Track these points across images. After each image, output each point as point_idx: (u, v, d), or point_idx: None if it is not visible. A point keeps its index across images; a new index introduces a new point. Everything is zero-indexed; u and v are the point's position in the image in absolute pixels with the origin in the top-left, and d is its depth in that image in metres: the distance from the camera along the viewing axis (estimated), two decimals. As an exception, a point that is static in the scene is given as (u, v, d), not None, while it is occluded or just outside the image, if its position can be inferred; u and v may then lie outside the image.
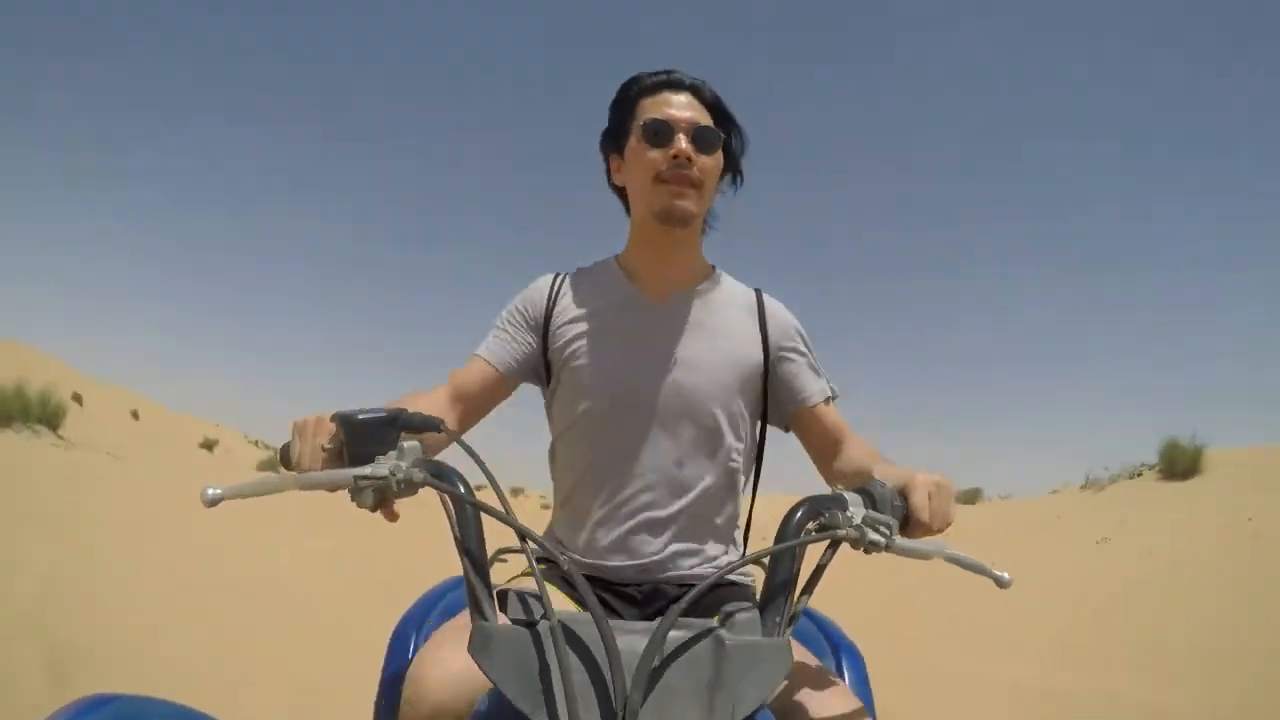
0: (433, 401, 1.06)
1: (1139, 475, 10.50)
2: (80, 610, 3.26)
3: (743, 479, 1.14)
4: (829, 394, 1.14)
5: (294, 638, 3.40)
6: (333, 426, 0.79)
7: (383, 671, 1.10)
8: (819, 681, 0.86)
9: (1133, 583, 5.25)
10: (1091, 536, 7.48)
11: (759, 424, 1.17)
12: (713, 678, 0.60)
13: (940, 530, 0.80)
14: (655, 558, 1.05)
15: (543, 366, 1.15)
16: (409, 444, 0.74)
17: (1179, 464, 9.44)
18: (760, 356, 1.12)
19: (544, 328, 1.14)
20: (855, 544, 0.70)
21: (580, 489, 1.10)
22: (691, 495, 1.06)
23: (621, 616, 1.04)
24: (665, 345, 1.09)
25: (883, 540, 0.70)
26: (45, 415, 12.73)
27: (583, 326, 1.11)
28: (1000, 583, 0.74)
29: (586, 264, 1.22)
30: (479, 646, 0.63)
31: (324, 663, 3.04)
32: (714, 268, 1.21)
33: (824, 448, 1.12)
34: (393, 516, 0.76)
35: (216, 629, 3.37)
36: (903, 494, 0.79)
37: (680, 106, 1.06)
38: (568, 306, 1.14)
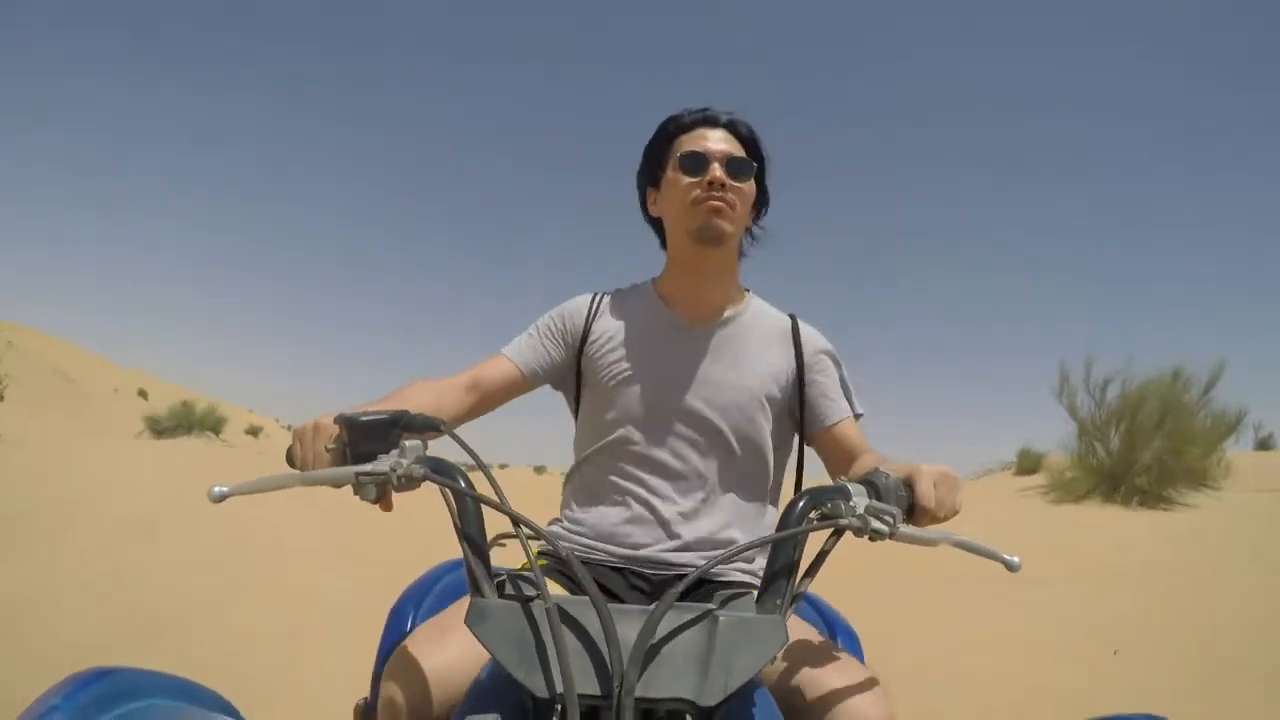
0: (443, 386, 1.11)
1: (998, 471, 13.32)
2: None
3: (769, 492, 1.19)
4: (847, 414, 1.19)
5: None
6: (336, 428, 0.82)
7: (380, 645, 1.12)
8: (826, 656, 0.88)
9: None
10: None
11: (795, 439, 1.23)
12: (706, 651, 0.62)
13: (946, 519, 0.81)
14: (667, 554, 1.08)
15: (573, 377, 1.22)
16: (410, 442, 0.77)
17: (1026, 463, 12.04)
18: (794, 378, 1.18)
19: (580, 343, 1.20)
20: (859, 532, 0.71)
21: (599, 487, 1.15)
22: (711, 505, 1.11)
23: (623, 601, 1.05)
24: (695, 366, 1.15)
25: (886, 528, 0.71)
26: (211, 423, 18.38)
27: (618, 345, 1.18)
28: (1010, 566, 0.75)
29: (625, 285, 1.29)
30: (476, 619, 0.65)
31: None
32: (748, 293, 1.26)
33: (839, 463, 1.16)
34: (388, 507, 0.79)
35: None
36: (908, 484, 0.80)
37: (716, 140, 1.13)
38: (605, 325, 1.20)
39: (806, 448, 1.23)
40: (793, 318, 1.24)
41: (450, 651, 0.87)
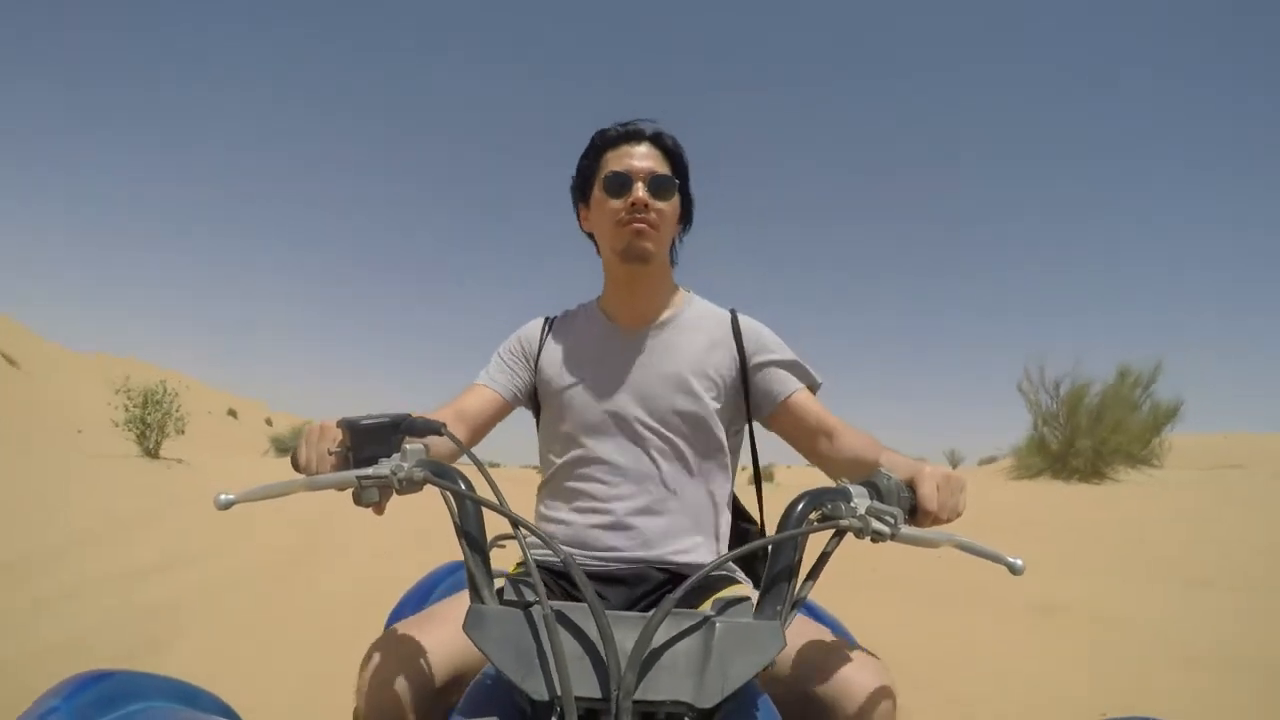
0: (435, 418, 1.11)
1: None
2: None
3: (724, 478, 1.21)
4: (799, 386, 1.19)
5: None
6: (339, 432, 0.83)
7: None
8: (830, 644, 0.89)
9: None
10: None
11: (746, 428, 1.24)
12: (704, 656, 0.62)
13: (949, 521, 0.80)
14: (640, 548, 1.10)
15: (534, 395, 1.27)
16: (412, 446, 0.78)
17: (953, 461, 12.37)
18: (736, 369, 1.20)
19: (535, 363, 1.26)
20: (859, 533, 0.71)
21: (566, 492, 1.18)
22: (669, 495, 1.13)
23: (609, 601, 1.06)
24: (637, 369, 1.19)
25: (887, 530, 0.70)
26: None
27: (566, 361, 1.23)
28: (1013, 569, 0.74)
29: (573, 307, 1.34)
30: (474, 624, 0.65)
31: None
32: (688, 293, 1.30)
33: (804, 437, 1.17)
34: (380, 511, 0.81)
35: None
36: (911, 486, 0.79)
37: (640, 157, 1.16)
38: (554, 345, 1.26)
39: (769, 431, 1.24)
40: (732, 312, 1.26)
41: (428, 648, 0.87)
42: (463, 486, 0.73)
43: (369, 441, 0.80)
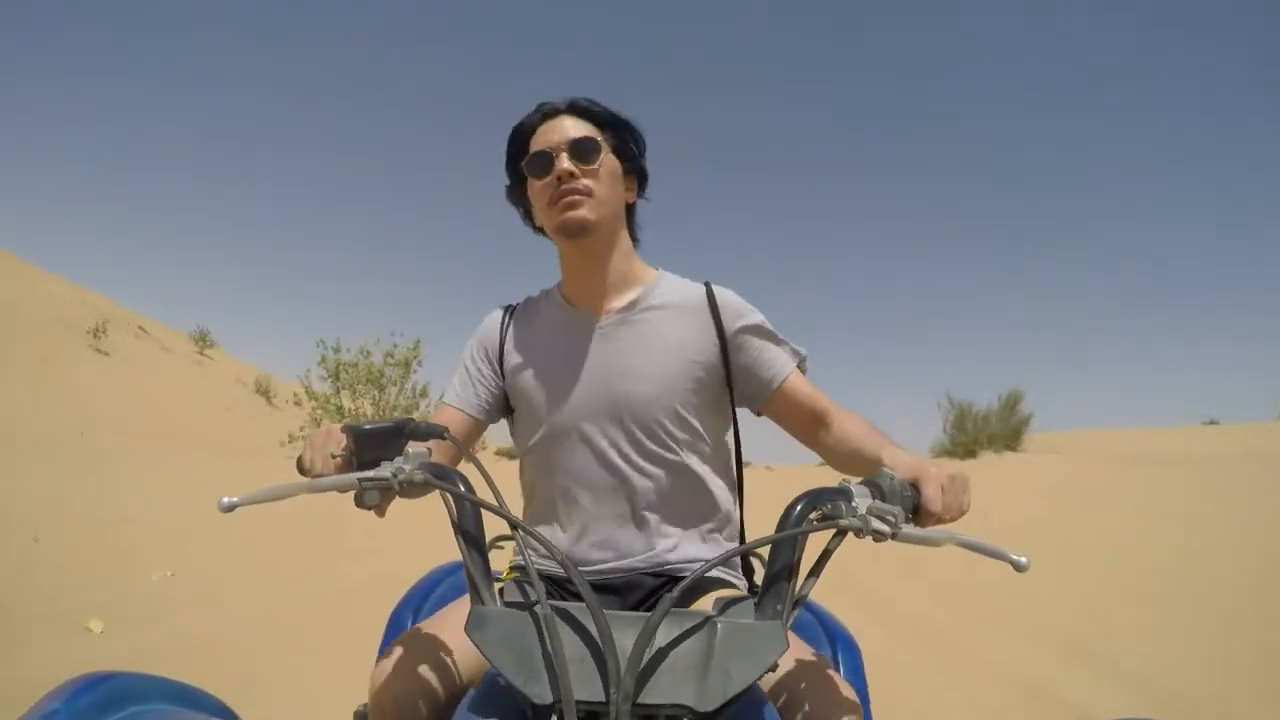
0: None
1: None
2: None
3: (711, 469, 1.13)
4: (794, 364, 1.12)
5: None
6: (343, 437, 0.83)
7: (380, 650, 1.12)
8: (815, 673, 0.87)
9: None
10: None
11: (729, 414, 1.15)
12: (705, 658, 0.62)
13: (953, 520, 0.79)
14: (627, 555, 1.06)
15: (503, 397, 1.18)
16: (414, 449, 0.79)
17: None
18: (717, 348, 1.11)
19: (499, 360, 1.17)
20: (859, 533, 0.69)
21: (546, 501, 1.12)
22: (654, 495, 1.07)
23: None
24: (607, 358, 1.10)
25: (888, 529, 0.69)
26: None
27: (530, 354, 1.14)
28: (1017, 567, 0.72)
29: (535, 293, 1.25)
30: (475, 626, 0.65)
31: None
32: (656, 271, 1.20)
33: (802, 423, 1.11)
34: (381, 513, 0.82)
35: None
36: (914, 485, 0.78)
37: (558, 130, 1.08)
38: (516, 337, 1.18)
39: (763, 418, 1.16)
40: (707, 285, 1.16)
41: (440, 652, 0.86)
42: (462, 488, 0.73)
43: (372, 446, 0.81)
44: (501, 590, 0.72)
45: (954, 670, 2.97)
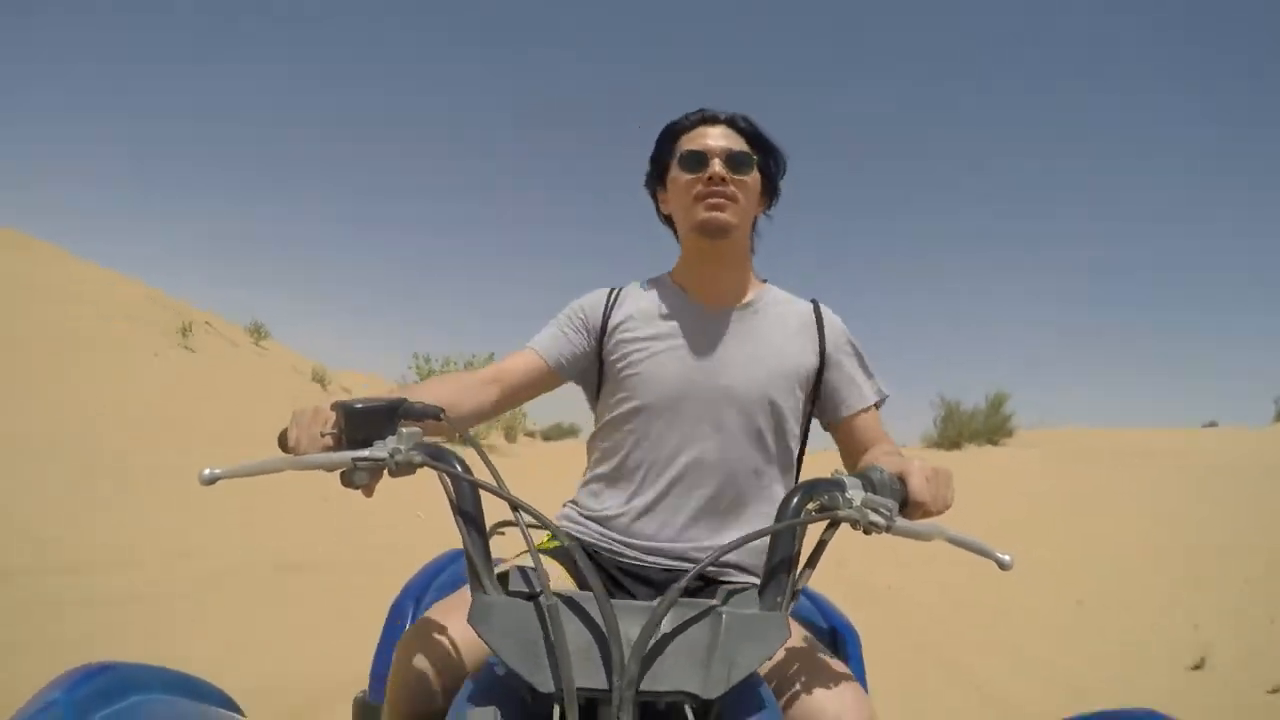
0: (465, 381, 1.10)
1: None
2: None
3: (783, 474, 1.17)
4: (869, 402, 1.18)
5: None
6: (332, 415, 0.80)
7: (380, 640, 1.12)
8: (816, 662, 0.87)
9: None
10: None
11: (806, 424, 1.21)
12: (709, 647, 0.62)
13: (939, 513, 0.81)
14: (679, 543, 1.08)
15: (595, 368, 1.21)
16: (408, 429, 0.75)
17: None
18: (815, 363, 1.17)
19: (600, 333, 1.19)
20: (856, 524, 0.71)
21: (619, 474, 1.14)
22: (728, 490, 1.10)
23: (633, 595, 1.05)
24: (713, 351, 1.14)
25: (883, 521, 0.71)
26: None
27: (637, 333, 1.17)
28: (1001, 564, 0.75)
29: (641, 281, 1.28)
30: (478, 617, 0.65)
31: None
32: (766, 282, 1.26)
33: (856, 451, 1.16)
34: (369, 493, 0.79)
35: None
36: (901, 479, 0.80)
37: (715, 137, 1.14)
38: (625, 315, 1.19)
39: (826, 431, 1.22)
40: (815, 303, 1.23)
41: (452, 641, 0.87)
42: (459, 468, 0.71)
43: (363, 425, 0.78)
44: (506, 575, 0.71)
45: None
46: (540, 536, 1.06)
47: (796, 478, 1.20)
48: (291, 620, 3.10)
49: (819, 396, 1.18)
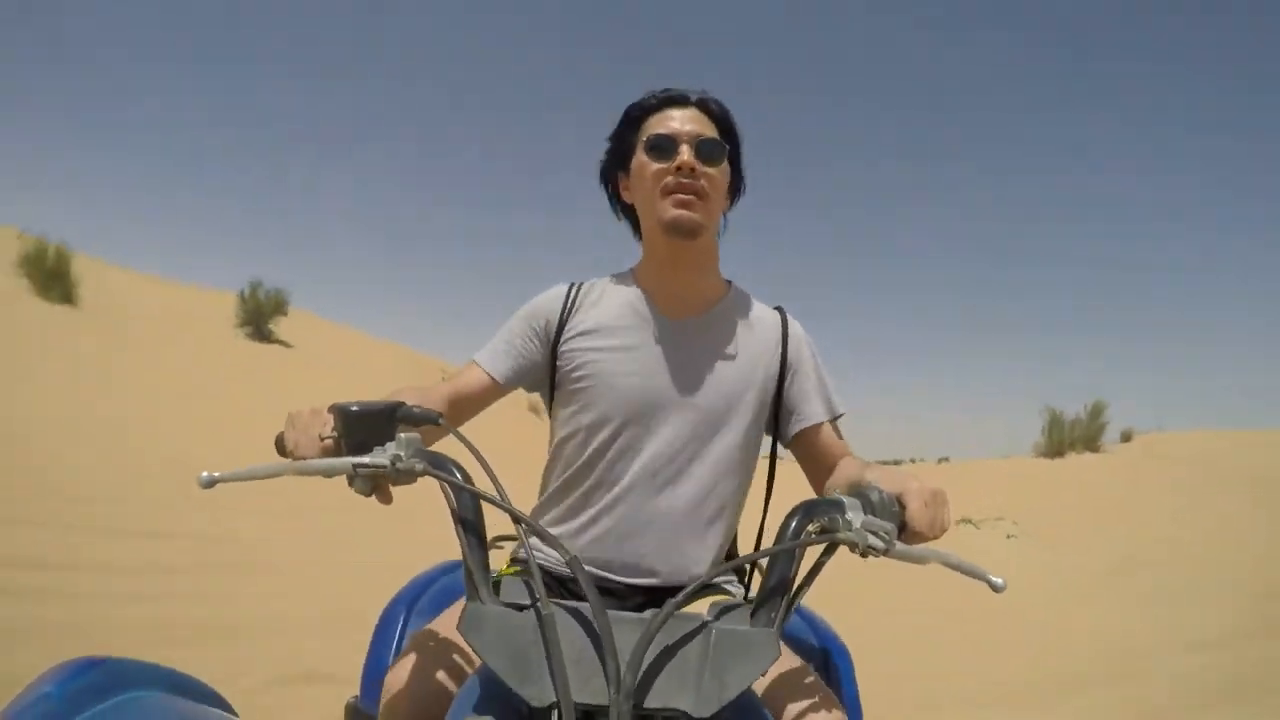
0: (430, 396, 1.05)
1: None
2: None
3: (745, 491, 1.14)
4: (831, 414, 1.14)
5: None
6: (329, 417, 0.79)
7: (370, 647, 1.11)
8: (805, 680, 0.87)
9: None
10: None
11: (772, 438, 1.17)
12: (702, 662, 0.63)
13: (935, 538, 0.79)
14: (646, 561, 1.04)
15: (549, 375, 1.14)
16: (407, 435, 0.75)
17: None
18: (777, 374, 1.12)
19: (556, 338, 1.13)
20: (854, 548, 0.70)
21: (578, 490, 1.09)
22: (691, 505, 1.06)
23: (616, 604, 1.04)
24: (679, 362, 1.08)
25: (882, 544, 0.69)
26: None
27: (597, 340, 1.10)
28: (995, 588, 0.74)
29: (603, 275, 1.22)
30: (471, 626, 0.64)
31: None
32: (731, 284, 1.20)
33: (818, 466, 1.12)
34: (387, 500, 0.76)
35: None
36: (899, 502, 0.78)
37: (684, 120, 1.07)
38: (583, 319, 1.13)
39: (785, 447, 1.16)
40: (780, 310, 1.19)
41: (453, 652, 0.86)
42: (460, 478, 0.71)
43: (361, 428, 0.76)
44: (499, 585, 0.71)
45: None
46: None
47: (769, 488, 1.17)
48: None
49: (780, 406, 1.13)
